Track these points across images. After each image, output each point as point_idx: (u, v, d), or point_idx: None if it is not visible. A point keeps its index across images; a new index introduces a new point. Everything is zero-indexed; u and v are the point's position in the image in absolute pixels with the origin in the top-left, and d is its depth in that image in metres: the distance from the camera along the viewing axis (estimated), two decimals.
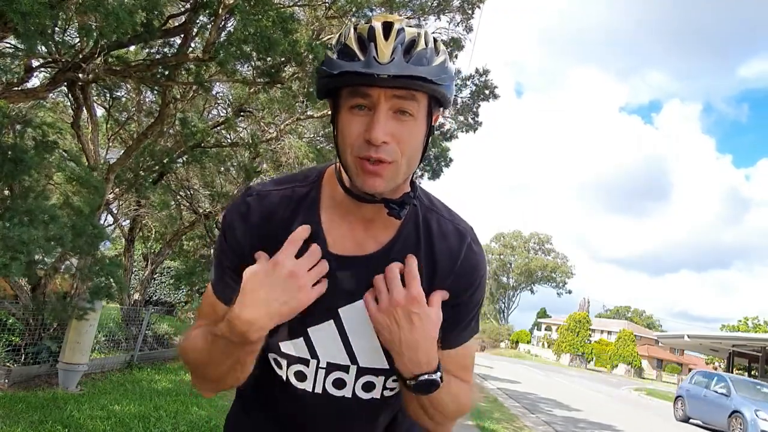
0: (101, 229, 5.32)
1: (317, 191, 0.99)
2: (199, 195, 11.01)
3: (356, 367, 0.99)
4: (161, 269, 16.13)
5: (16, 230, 3.89)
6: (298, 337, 0.97)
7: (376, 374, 1.00)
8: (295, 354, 0.98)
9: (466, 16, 9.68)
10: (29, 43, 3.77)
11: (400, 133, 0.84)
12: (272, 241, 0.92)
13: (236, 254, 0.96)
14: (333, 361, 0.98)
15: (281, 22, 5.12)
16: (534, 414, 10.36)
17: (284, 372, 1.01)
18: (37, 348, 5.87)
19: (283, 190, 0.99)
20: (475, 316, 1.03)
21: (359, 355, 0.98)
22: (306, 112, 9.26)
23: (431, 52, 0.85)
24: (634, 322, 65.60)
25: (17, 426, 4.01)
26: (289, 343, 0.98)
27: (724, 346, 24.76)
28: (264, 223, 0.95)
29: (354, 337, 0.97)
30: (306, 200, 0.97)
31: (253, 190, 0.99)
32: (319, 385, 0.99)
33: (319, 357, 0.98)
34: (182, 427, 4.71)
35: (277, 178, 1.04)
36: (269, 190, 0.99)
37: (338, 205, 0.96)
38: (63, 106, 8.78)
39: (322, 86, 0.88)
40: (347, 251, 0.95)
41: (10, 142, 4.57)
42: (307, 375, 1.00)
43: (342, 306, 0.95)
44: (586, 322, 51.24)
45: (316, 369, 0.99)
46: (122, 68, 5.76)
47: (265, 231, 0.95)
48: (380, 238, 0.96)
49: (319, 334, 0.97)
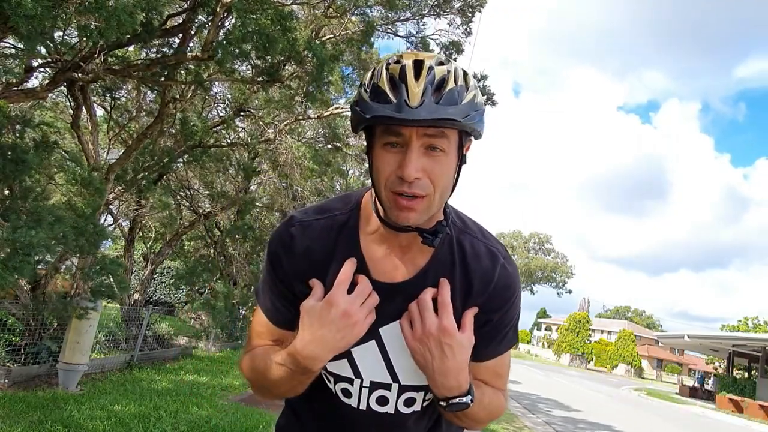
0: (102, 228, 5.32)
1: (356, 219, 1.03)
2: (199, 195, 11.02)
3: (398, 385, 1.03)
4: (161, 269, 16.16)
5: (25, 233, 3.91)
6: (342, 357, 1.01)
7: (417, 390, 1.05)
8: (340, 373, 1.04)
9: (467, 19, 9.67)
10: (31, 44, 3.78)
11: (431, 168, 0.88)
12: (318, 267, 0.99)
13: (284, 283, 1.02)
14: (375, 380, 1.03)
15: (280, 20, 5.12)
16: (534, 414, 10.35)
17: (332, 387, 1.07)
18: (37, 348, 5.86)
19: (324, 219, 1.03)
20: (510, 330, 1.07)
21: (400, 374, 1.03)
22: (306, 112, 9.26)
23: (461, 89, 0.88)
24: (634, 322, 65.62)
25: (17, 426, 4.01)
26: (334, 363, 1.02)
27: (724, 346, 24.71)
28: (308, 252, 1.00)
29: (395, 356, 1.02)
30: (346, 228, 1.02)
31: (296, 220, 1.03)
32: (364, 402, 1.05)
33: (362, 376, 1.03)
34: (182, 427, 4.70)
35: (317, 206, 1.07)
36: (311, 220, 1.03)
37: (375, 232, 1.00)
38: (63, 106, 8.78)
39: (357, 123, 0.91)
40: (387, 277, 0.99)
41: (10, 142, 4.57)
42: (352, 392, 1.05)
43: (383, 326, 1.00)
44: (586, 322, 51.23)
45: (360, 388, 1.04)
46: (122, 68, 5.76)
47: (309, 260, 1.00)
48: (417, 261, 1.00)
49: (361, 353, 1.02)
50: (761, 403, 18.98)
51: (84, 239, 4.74)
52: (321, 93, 6.62)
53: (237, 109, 9.12)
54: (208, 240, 11.15)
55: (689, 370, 48.19)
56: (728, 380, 23.53)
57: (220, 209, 10.21)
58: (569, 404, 13.18)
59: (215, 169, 10.22)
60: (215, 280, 10.44)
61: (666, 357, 50.84)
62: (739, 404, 20.08)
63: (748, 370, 25.97)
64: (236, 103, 9.19)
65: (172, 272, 14.88)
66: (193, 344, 10.48)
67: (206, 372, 7.90)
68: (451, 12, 9.66)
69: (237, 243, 11.14)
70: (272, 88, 7.19)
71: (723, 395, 21.41)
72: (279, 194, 12.00)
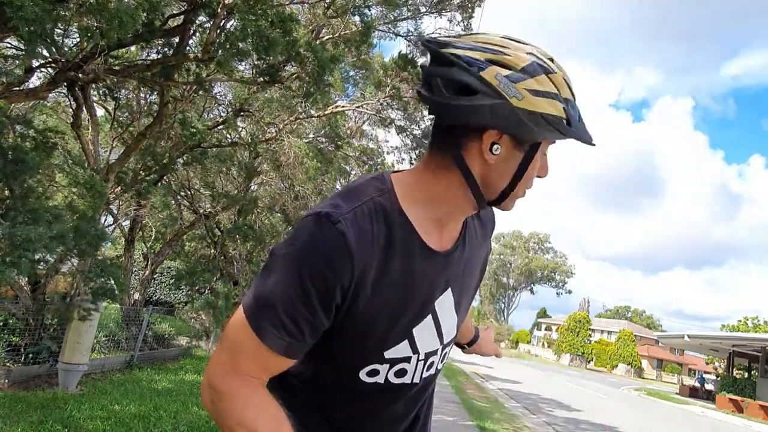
0: (103, 231, 5.32)
1: (396, 200, 0.96)
2: (200, 195, 11.02)
3: (442, 346, 1.07)
4: (161, 269, 16.16)
5: (22, 230, 3.91)
6: (402, 340, 0.99)
7: (449, 345, 1.11)
8: (399, 356, 1.01)
9: (467, 15, 9.66)
10: (31, 46, 3.79)
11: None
12: (379, 260, 0.90)
13: (341, 293, 0.87)
14: (429, 350, 1.04)
15: (280, 21, 5.12)
16: (534, 414, 10.35)
17: (382, 377, 1.01)
18: (37, 348, 5.87)
19: (363, 204, 0.91)
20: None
21: (446, 337, 1.07)
22: (307, 111, 9.25)
23: None
24: (634, 322, 65.59)
25: (17, 426, 4.01)
26: (394, 348, 0.99)
27: (724, 346, 24.71)
28: (366, 245, 0.88)
29: (444, 322, 1.05)
30: (392, 210, 0.94)
31: (331, 215, 0.87)
32: (418, 375, 1.05)
33: (419, 351, 1.03)
34: (182, 427, 4.70)
35: (340, 197, 0.93)
36: (352, 209, 0.89)
37: (412, 211, 0.97)
38: (63, 106, 8.77)
39: (547, 136, 0.93)
40: (440, 249, 1.00)
41: (10, 142, 4.57)
42: (407, 370, 1.03)
43: (437, 299, 1.01)
44: (586, 322, 51.23)
45: (417, 362, 1.03)
46: (122, 68, 5.76)
47: (370, 254, 0.88)
48: (453, 233, 1.04)
49: (420, 330, 1.01)
50: (761, 403, 18.98)
51: (85, 241, 4.75)
52: (322, 94, 6.63)
53: (237, 109, 9.12)
54: (208, 240, 11.15)
55: (689, 370, 48.20)
56: (728, 380, 23.54)
57: (221, 209, 10.21)
58: (569, 404, 13.18)
59: (216, 169, 10.23)
60: (216, 280, 10.44)
61: (666, 357, 50.82)
62: (739, 404, 20.08)
63: (748, 370, 25.95)
64: (237, 103, 9.20)
65: (172, 272, 14.88)
66: (194, 344, 10.49)
67: None
68: (451, 8, 9.66)
69: (238, 243, 11.14)
70: (273, 88, 7.19)
71: (723, 395, 21.41)
72: (280, 195, 12.00)
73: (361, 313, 0.91)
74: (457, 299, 1.06)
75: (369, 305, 0.91)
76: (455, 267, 1.03)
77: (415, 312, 0.98)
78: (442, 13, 9.63)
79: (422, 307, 0.99)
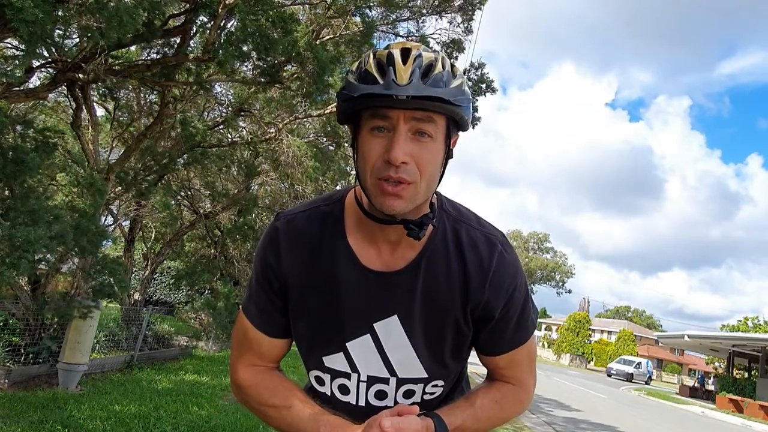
0: (103, 229, 5.32)
1: (341, 210, 1.01)
2: (200, 195, 11.02)
3: (395, 378, 1.03)
4: (161, 269, 16.15)
5: (22, 231, 3.92)
6: (337, 351, 1.01)
7: (416, 383, 1.04)
8: (337, 368, 1.03)
9: (467, 17, 9.67)
10: (32, 47, 3.79)
11: (419, 153, 0.85)
12: (304, 260, 0.99)
13: (278, 281, 1.00)
14: (373, 374, 1.02)
15: (281, 22, 5.12)
16: (534, 414, 10.35)
17: (327, 387, 1.06)
18: (37, 348, 5.86)
19: (308, 211, 1.02)
20: (521, 319, 1.03)
21: (397, 368, 1.02)
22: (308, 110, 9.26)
23: (448, 75, 0.87)
24: (634, 322, 65.60)
25: (17, 426, 4.01)
26: (331, 357, 1.02)
27: (724, 346, 24.70)
28: (294, 242, 1.00)
29: (390, 350, 1.00)
30: (330, 218, 1.00)
31: (281, 215, 1.04)
32: (362, 398, 1.04)
33: (359, 371, 1.03)
34: (182, 427, 4.70)
35: (302, 203, 1.08)
36: (295, 213, 1.03)
37: (363, 228, 0.98)
38: (63, 105, 8.77)
39: (344, 110, 0.89)
40: (377, 267, 0.97)
41: (10, 142, 4.57)
42: (350, 388, 1.04)
43: (377, 321, 0.98)
44: (586, 321, 51.21)
45: (358, 382, 1.03)
46: (122, 68, 5.76)
47: (296, 251, 0.99)
48: (407, 255, 0.97)
49: (357, 348, 1.01)
50: (761, 403, 18.98)
51: (85, 239, 4.75)
52: (322, 94, 6.63)
53: (238, 108, 9.12)
54: (208, 240, 11.15)
55: (689, 370, 48.20)
56: (728, 380, 23.53)
57: (221, 209, 10.21)
58: (569, 404, 13.18)
59: (216, 168, 10.22)
60: (216, 280, 10.44)
61: (666, 357, 50.82)
62: (739, 404, 20.08)
63: (748, 370, 25.96)
64: (237, 103, 9.19)
65: (172, 272, 14.88)
66: (194, 344, 10.49)
67: (206, 372, 7.90)
68: (452, 10, 9.66)
69: (238, 243, 11.14)
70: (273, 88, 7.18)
71: (723, 395, 21.40)
72: (281, 194, 12.00)
73: (293, 303, 1.01)
74: (408, 329, 0.98)
75: (298, 299, 1.00)
76: (403, 293, 0.96)
77: (344, 323, 0.98)
78: (442, 14, 9.63)
79: (355, 322, 0.98)
